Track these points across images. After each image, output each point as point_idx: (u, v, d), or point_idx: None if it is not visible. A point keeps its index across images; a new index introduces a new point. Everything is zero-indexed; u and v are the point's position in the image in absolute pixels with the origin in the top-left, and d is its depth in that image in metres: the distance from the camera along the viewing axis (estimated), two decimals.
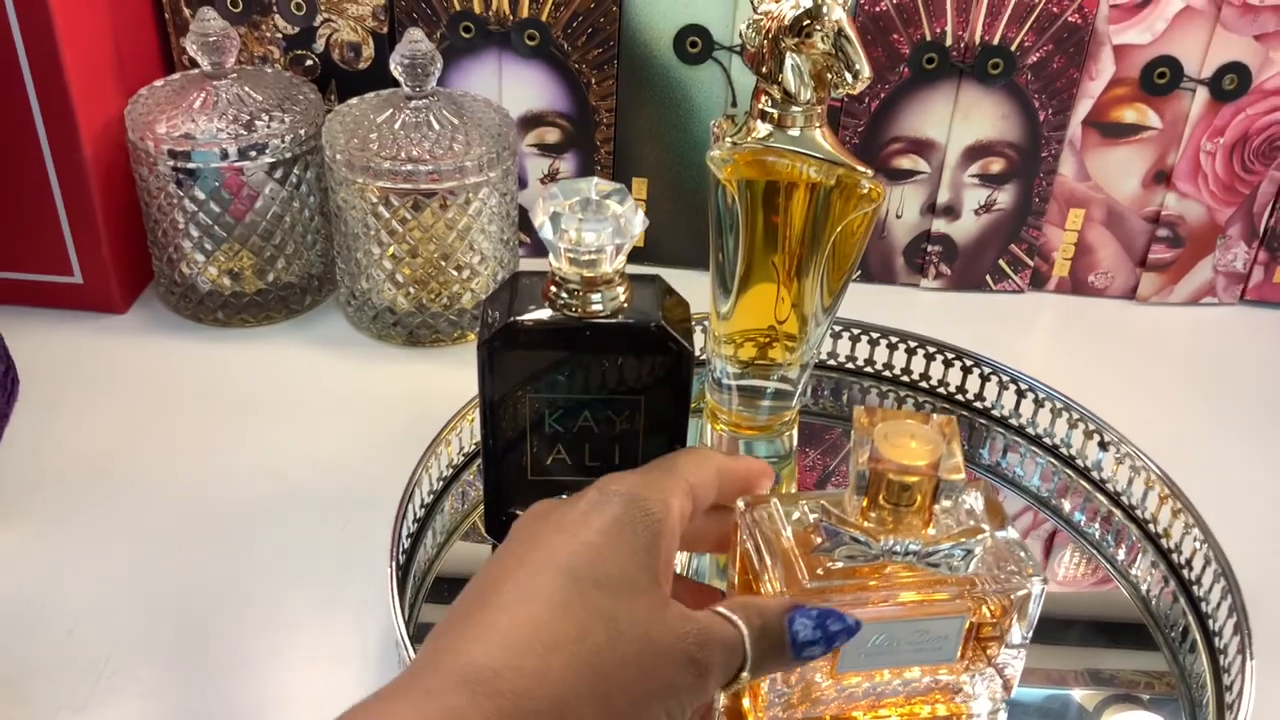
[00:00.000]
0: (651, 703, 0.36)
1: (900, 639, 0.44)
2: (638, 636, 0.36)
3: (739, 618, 0.39)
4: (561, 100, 0.78)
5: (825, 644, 0.40)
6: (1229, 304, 0.83)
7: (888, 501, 0.43)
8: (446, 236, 0.70)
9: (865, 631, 0.42)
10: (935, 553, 0.44)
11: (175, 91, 0.72)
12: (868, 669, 0.45)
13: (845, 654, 0.44)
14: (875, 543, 0.43)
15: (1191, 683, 0.56)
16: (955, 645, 0.45)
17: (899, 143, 0.78)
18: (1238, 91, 0.75)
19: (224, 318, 0.75)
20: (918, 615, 0.44)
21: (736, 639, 0.38)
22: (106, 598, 0.58)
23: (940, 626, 0.44)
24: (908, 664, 0.46)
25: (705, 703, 0.39)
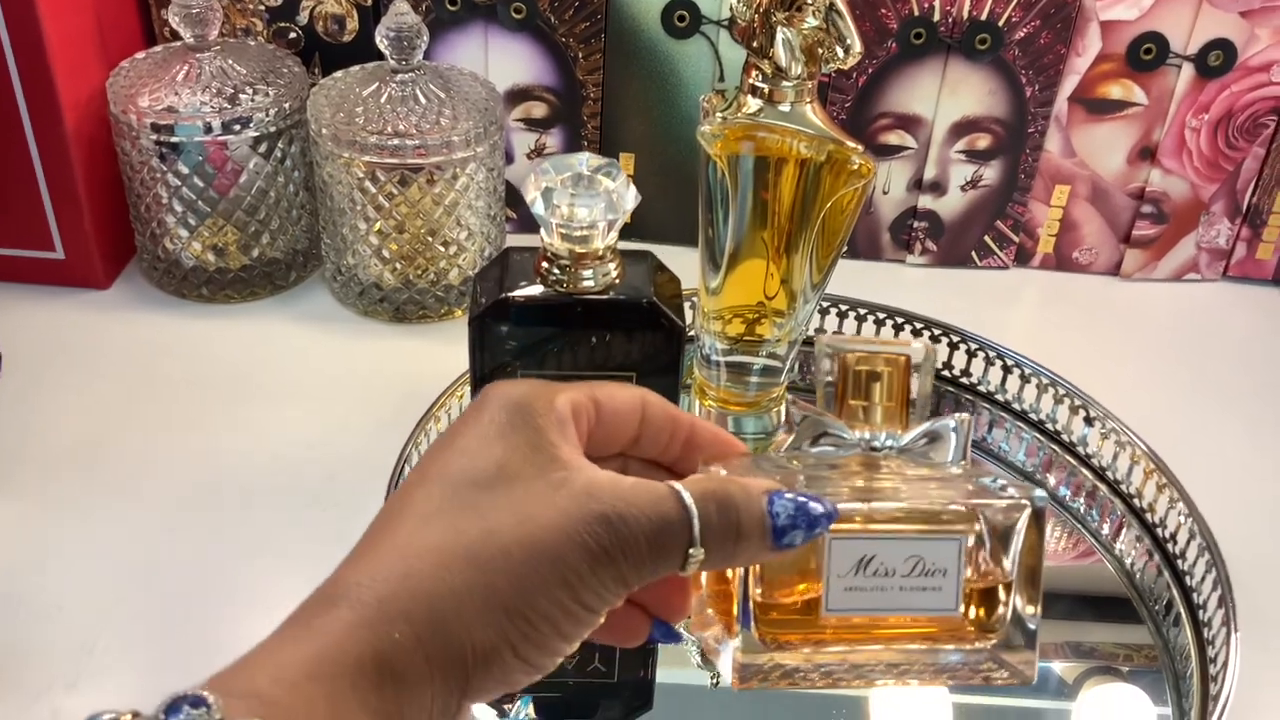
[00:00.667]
0: (545, 589, 0.32)
1: (894, 566, 0.39)
2: (519, 523, 0.33)
3: (690, 493, 0.34)
4: (548, 74, 0.78)
5: (808, 528, 0.35)
6: (1212, 280, 0.83)
7: (858, 399, 0.41)
8: (433, 212, 0.70)
9: (853, 549, 0.38)
10: (916, 440, 0.40)
11: (158, 64, 0.71)
12: (858, 610, 0.40)
13: (831, 584, 0.39)
14: (850, 432, 0.40)
15: (1175, 655, 0.56)
16: (955, 585, 0.40)
17: (886, 118, 0.78)
18: (1223, 68, 0.75)
19: (208, 294, 0.74)
20: (908, 531, 0.39)
21: (671, 516, 0.34)
22: (95, 576, 0.57)
23: (935, 552, 0.39)
24: (903, 609, 0.40)
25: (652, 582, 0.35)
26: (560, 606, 0.32)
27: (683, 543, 0.34)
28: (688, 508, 0.34)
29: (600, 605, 0.33)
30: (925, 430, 0.40)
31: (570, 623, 0.33)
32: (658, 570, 0.34)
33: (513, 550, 0.32)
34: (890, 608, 0.40)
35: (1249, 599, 0.58)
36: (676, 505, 0.34)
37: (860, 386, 0.40)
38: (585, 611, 0.33)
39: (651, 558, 0.33)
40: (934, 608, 0.40)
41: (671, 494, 0.34)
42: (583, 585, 0.33)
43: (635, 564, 0.33)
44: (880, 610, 0.39)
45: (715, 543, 0.34)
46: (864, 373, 0.40)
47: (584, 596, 0.33)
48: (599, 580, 0.33)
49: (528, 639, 0.32)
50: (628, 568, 0.33)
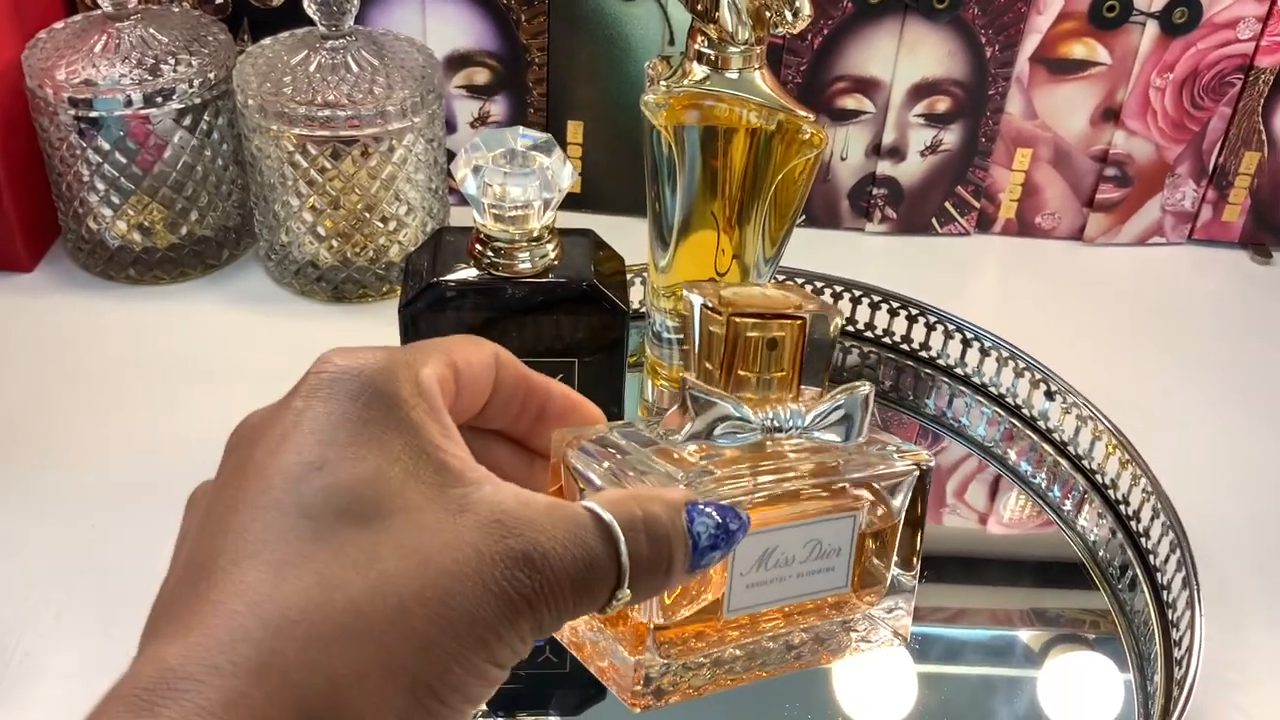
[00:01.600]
0: (458, 654, 0.25)
1: (793, 554, 0.35)
2: (416, 569, 0.25)
3: (614, 518, 0.27)
4: (490, 39, 0.75)
5: (725, 547, 0.30)
6: (1177, 244, 0.82)
7: (750, 370, 0.35)
8: (370, 186, 0.67)
9: (756, 544, 0.34)
10: (820, 417, 0.35)
11: (75, 34, 0.67)
12: (759, 604, 0.36)
13: (734, 583, 0.34)
14: (753, 415, 0.34)
15: (1137, 627, 0.55)
16: (847, 563, 0.36)
17: (843, 82, 0.75)
18: (1188, 25, 0.73)
19: (136, 274, 0.71)
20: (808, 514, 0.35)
21: (596, 551, 0.27)
22: (15, 575, 0.55)
23: (832, 533, 0.36)
24: (799, 596, 0.36)
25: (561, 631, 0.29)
26: (474, 671, 0.25)
27: (610, 583, 0.27)
28: (615, 540, 0.27)
29: (513, 661, 0.27)
30: (833, 408, 0.35)
31: (481, 686, 0.26)
32: (579, 614, 0.27)
33: (413, 609, 0.25)
34: (789, 596, 0.36)
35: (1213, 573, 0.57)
36: (602, 537, 0.27)
37: (753, 354, 0.35)
38: (498, 671, 0.26)
39: (575, 602, 0.27)
40: (828, 588, 0.36)
41: (594, 522, 0.27)
42: (499, 642, 0.26)
43: (556, 611, 0.26)
44: (780, 600, 0.36)
45: (645, 578, 0.28)
46: (758, 339, 0.35)
47: (499, 654, 0.26)
48: (516, 633, 0.26)
49: (434, 716, 0.25)
50: (548, 616, 0.26)
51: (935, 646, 0.55)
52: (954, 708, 0.53)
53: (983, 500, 0.63)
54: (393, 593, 0.25)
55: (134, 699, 0.23)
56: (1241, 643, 0.55)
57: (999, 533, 0.62)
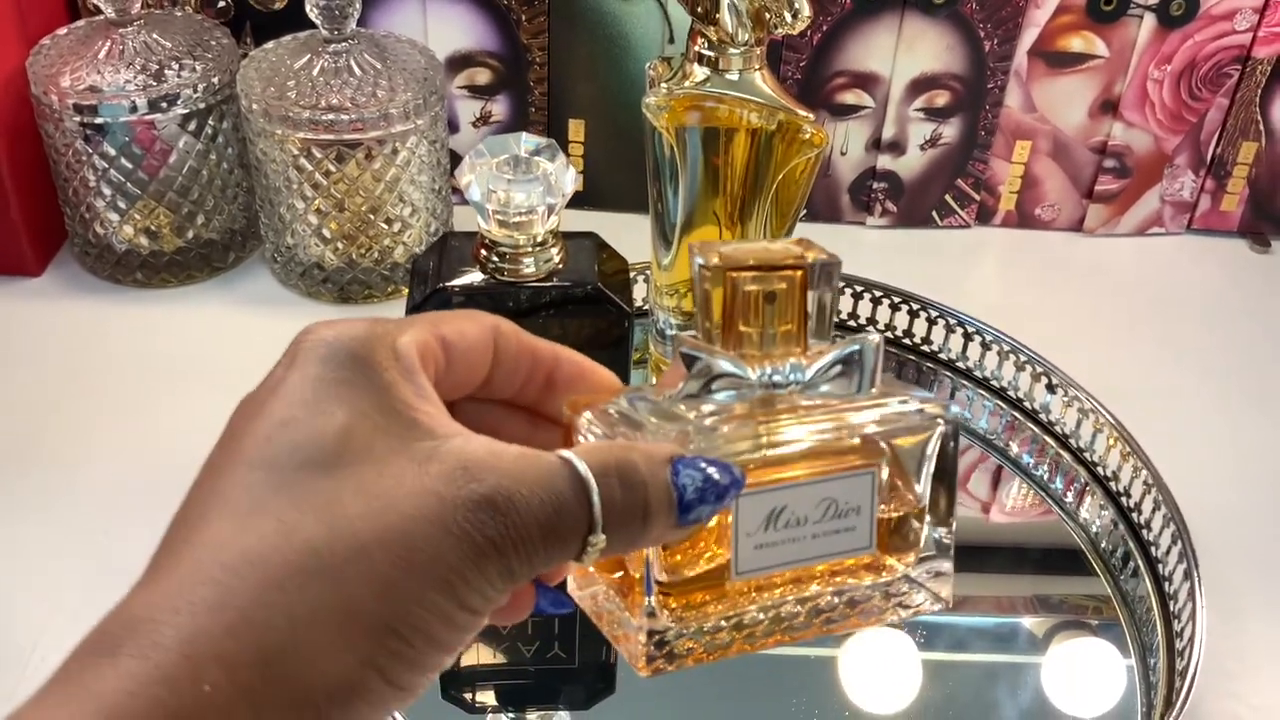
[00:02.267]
0: (419, 595, 0.25)
1: (805, 514, 0.34)
2: (378, 512, 0.25)
3: (586, 465, 0.28)
4: (491, 39, 0.75)
5: (715, 500, 0.30)
6: (1176, 234, 0.82)
7: (752, 325, 0.34)
8: (374, 188, 0.67)
9: (761, 503, 0.33)
10: (823, 370, 0.34)
11: (79, 41, 0.68)
12: (771, 566, 0.35)
13: (741, 544, 0.33)
14: (749, 371, 0.33)
15: (1141, 624, 0.56)
16: (869, 522, 0.35)
17: (843, 77, 0.76)
18: (1185, 17, 0.73)
19: (143, 278, 0.71)
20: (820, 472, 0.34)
21: (566, 496, 0.27)
22: (31, 578, 0.55)
23: (848, 491, 0.34)
24: (818, 557, 0.35)
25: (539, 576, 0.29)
26: (439, 614, 0.26)
27: (581, 529, 0.27)
28: (586, 485, 0.27)
29: (485, 606, 0.27)
30: (835, 359, 0.34)
31: (450, 631, 0.26)
32: (550, 561, 0.27)
33: (373, 550, 0.25)
34: (805, 557, 0.34)
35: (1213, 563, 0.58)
36: (572, 483, 0.27)
37: (753, 309, 0.34)
38: (468, 615, 0.26)
39: (545, 548, 0.27)
40: (849, 548, 0.35)
41: (565, 468, 0.27)
42: (465, 585, 0.26)
43: (526, 556, 0.27)
44: (795, 563, 0.34)
45: (619, 526, 0.28)
46: (757, 293, 0.33)
47: (467, 598, 0.26)
48: (484, 578, 0.26)
49: (399, 658, 0.25)
50: (517, 561, 0.26)
51: (940, 634, 0.56)
52: (959, 696, 0.53)
53: (985, 490, 0.63)
54: (351, 534, 0.25)
55: (98, 642, 0.24)
56: (1242, 632, 0.56)
57: (1002, 522, 0.63)
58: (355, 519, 0.25)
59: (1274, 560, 0.59)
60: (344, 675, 0.25)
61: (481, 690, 0.55)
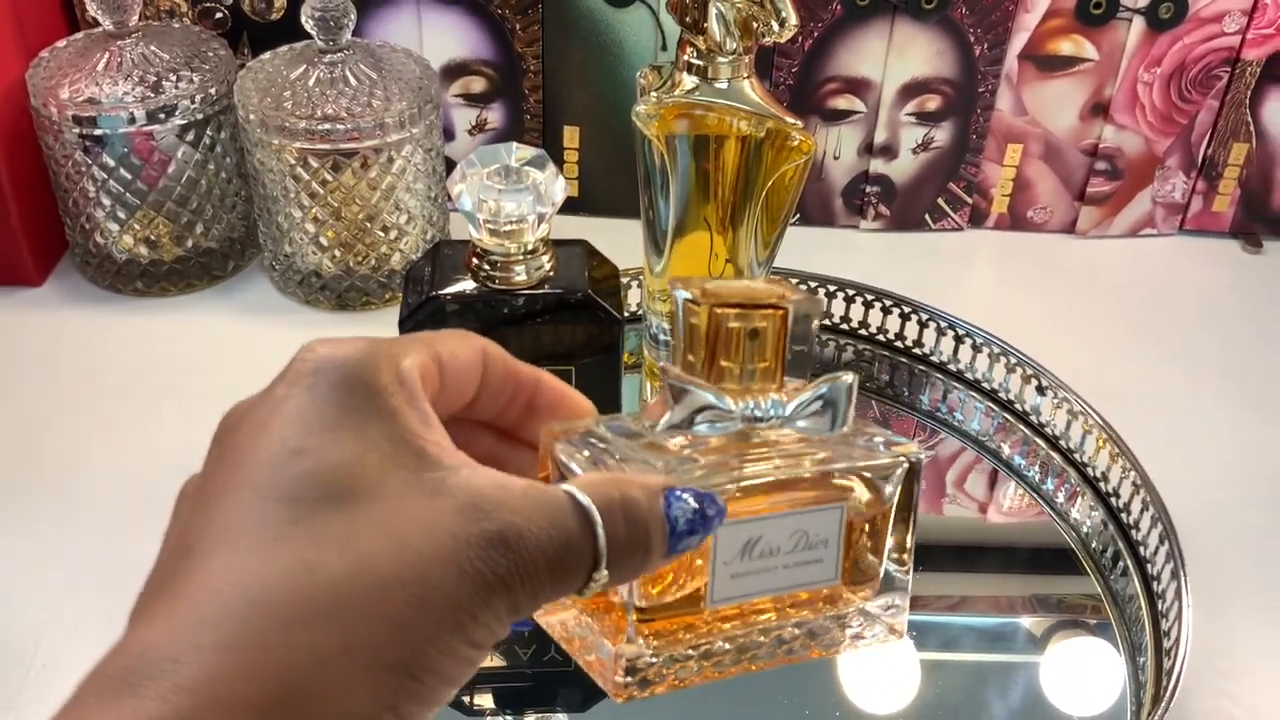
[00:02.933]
0: (435, 635, 0.25)
1: (778, 544, 0.35)
2: (395, 551, 0.25)
3: (592, 500, 0.28)
4: (485, 48, 0.76)
5: (703, 531, 0.30)
6: (1168, 235, 0.83)
7: (732, 360, 0.35)
8: (370, 197, 0.68)
9: (739, 534, 0.34)
10: (802, 407, 0.35)
11: (78, 53, 0.69)
12: (744, 595, 0.35)
13: (718, 573, 0.34)
14: (733, 405, 0.34)
15: (1130, 624, 0.56)
16: (835, 555, 0.36)
17: (834, 82, 0.76)
18: (1174, 20, 0.74)
19: (143, 287, 0.72)
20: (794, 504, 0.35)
21: (573, 532, 0.27)
22: (32, 586, 0.56)
23: (818, 524, 0.35)
24: (787, 588, 0.36)
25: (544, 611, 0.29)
26: (449, 652, 0.26)
27: (586, 564, 0.28)
28: (591, 521, 0.28)
29: (490, 641, 0.27)
30: (814, 396, 0.35)
31: (458, 667, 0.26)
32: (555, 596, 0.28)
33: (392, 590, 0.25)
34: (775, 587, 0.35)
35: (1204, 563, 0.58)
36: (579, 519, 0.27)
37: (735, 345, 0.35)
38: (476, 652, 0.27)
39: (551, 583, 0.27)
40: (816, 580, 0.36)
41: (570, 504, 0.28)
42: (474, 623, 0.26)
43: (532, 592, 0.27)
44: (765, 592, 0.35)
45: (623, 561, 0.28)
46: (739, 330, 0.34)
47: (476, 635, 0.26)
48: (492, 614, 0.26)
49: (413, 697, 0.25)
50: (524, 596, 0.27)
51: (932, 634, 0.56)
52: (952, 696, 0.54)
53: (979, 491, 0.64)
54: (372, 574, 0.25)
55: (116, 677, 0.24)
56: (1232, 631, 0.56)
57: (995, 522, 0.64)
58: (374, 557, 0.25)
59: (1266, 560, 0.60)
60: (362, 715, 0.25)
61: (479, 693, 0.55)
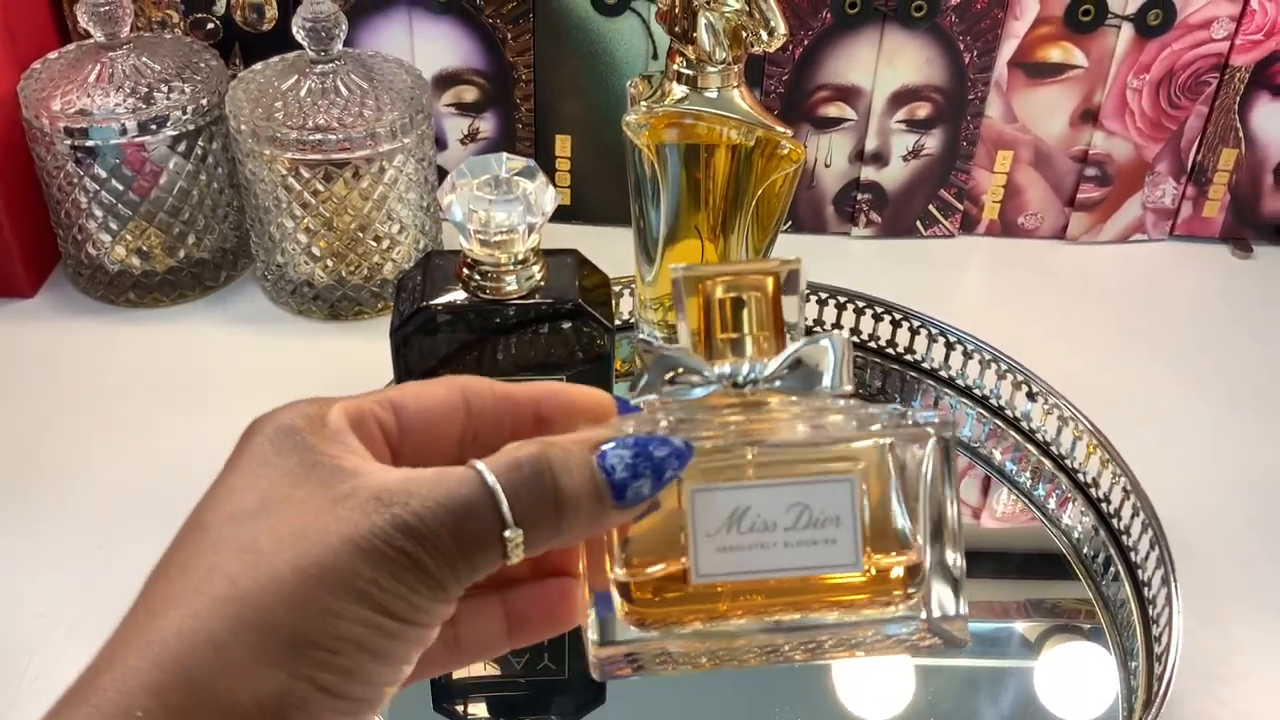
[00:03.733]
0: (338, 607, 0.27)
1: (773, 518, 0.33)
2: (292, 544, 0.28)
3: (493, 467, 0.29)
4: (477, 57, 0.76)
5: (654, 475, 0.30)
6: (1159, 240, 0.83)
7: (726, 333, 0.34)
8: (362, 207, 0.68)
9: (720, 501, 0.32)
10: (784, 365, 0.34)
11: (69, 64, 0.69)
12: (736, 573, 0.33)
13: (700, 545, 0.32)
14: (707, 366, 0.34)
15: (1122, 629, 0.56)
16: (852, 536, 0.33)
17: (825, 90, 0.76)
18: (1163, 26, 0.74)
19: (136, 298, 0.72)
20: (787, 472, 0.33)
21: (471, 499, 0.29)
22: (26, 597, 0.56)
23: (823, 498, 0.33)
24: (792, 569, 0.33)
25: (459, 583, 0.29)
26: (364, 623, 0.28)
27: (493, 527, 0.29)
28: (490, 486, 0.29)
29: (419, 615, 0.29)
30: (794, 351, 0.34)
31: (383, 640, 0.28)
32: (475, 565, 0.29)
33: (285, 575, 0.27)
34: (775, 568, 0.33)
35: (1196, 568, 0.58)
36: (477, 485, 0.29)
37: (726, 318, 0.34)
38: (400, 624, 0.28)
39: (462, 552, 0.28)
40: (829, 564, 0.33)
41: (470, 474, 0.29)
42: (384, 593, 0.28)
43: (445, 561, 0.28)
44: (764, 572, 0.33)
45: (534, 518, 0.29)
46: (728, 300, 0.34)
47: (393, 608, 0.28)
48: (406, 587, 0.28)
49: (328, 667, 0.27)
50: (438, 569, 0.28)
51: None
52: (948, 701, 0.54)
53: (971, 497, 0.64)
54: (266, 564, 0.27)
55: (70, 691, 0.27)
56: (1224, 635, 0.57)
57: (988, 528, 0.64)
58: (271, 553, 0.28)
59: (1257, 565, 0.60)
60: (275, 689, 0.27)
61: (473, 702, 0.55)
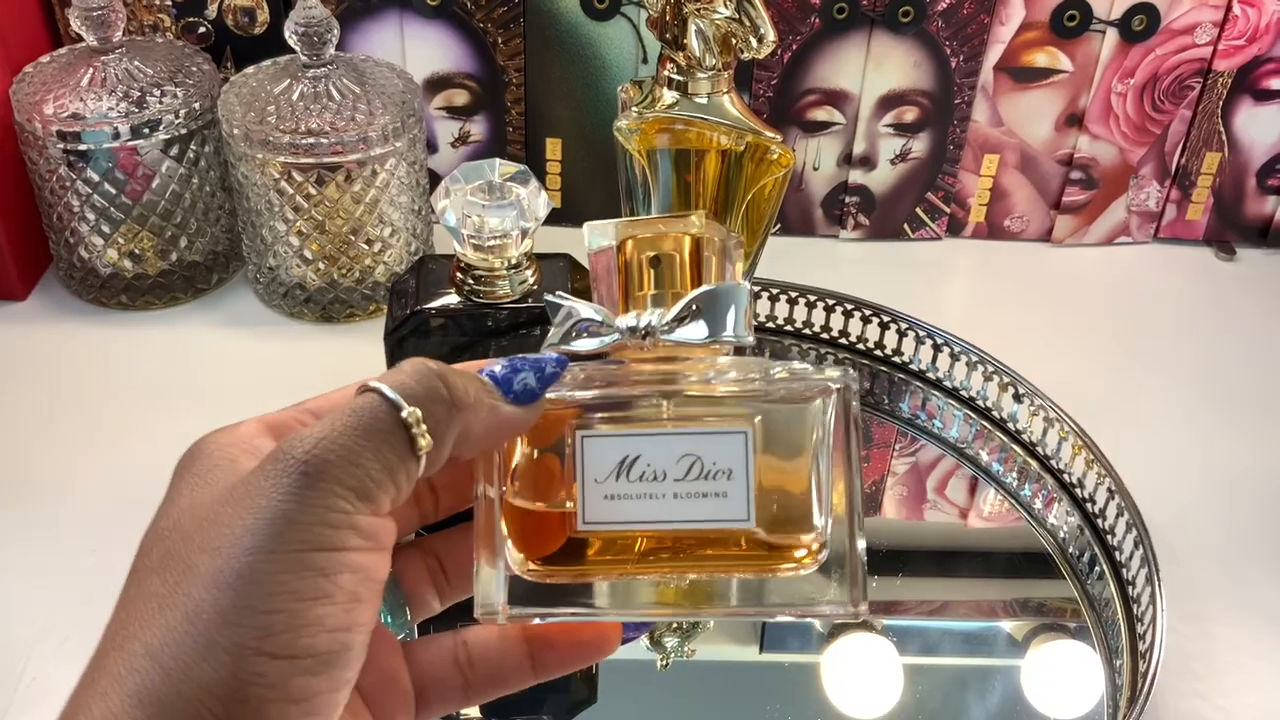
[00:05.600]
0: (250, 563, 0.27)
1: (664, 468, 0.32)
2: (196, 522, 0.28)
3: (378, 379, 0.30)
4: (468, 61, 0.76)
5: (537, 376, 0.32)
6: (1143, 242, 0.84)
7: (641, 289, 0.34)
8: (354, 210, 0.68)
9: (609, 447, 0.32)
10: (684, 310, 0.33)
11: (62, 68, 0.69)
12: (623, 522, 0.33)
13: (588, 491, 0.32)
14: (610, 317, 0.33)
15: (1107, 627, 0.57)
16: (744, 490, 0.32)
17: (813, 94, 0.77)
18: (1147, 32, 0.75)
19: (128, 300, 0.73)
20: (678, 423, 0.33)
21: (363, 401, 0.29)
22: (20, 600, 0.56)
23: (714, 449, 0.32)
24: (681, 521, 0.33)
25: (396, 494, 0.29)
26: (289, 566, 0.27)
27: (394, 420, 0.29)
28: (377, 387, 0.29)
29: (347, 538, 0.28)
30: (689, 299, 0.33)
31: (322, 578, 0.27)
32: (390, 464, 0.29)
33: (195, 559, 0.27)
34: (663, 519, 0.32)
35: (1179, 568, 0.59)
36: (365, 390, 0.29)
37: (641, 274, 0.34)
38: (331, 554, 0.27)
39: (372, 449, 0.28)
40: (720, 518, 0.32)
41: (357, 385, 0.30)
42: (302, 525, 0.27)
43: (350, 464, 0.28)
44: (651, 523, 0.32)
45: (432, 410, 0.29)
46: (645, 258, 0.34)
47: (317, 536, 0.27)
48: (324, 505, 0.27)
49: (273, 630, 0.26)
50: (349, 475, 0.28)
51: (915, 638, 0.57)
52: (933, 701, 0.55)
53: (959, 497, 0.65)
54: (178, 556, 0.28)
55: None
56: (1208, 635, 0.57)
57: (975, 527, 0.65)
58: (179, 540, 0.28)
59: (1240, 565, 0.61)
60: (224, 672, 0.26)
61: None
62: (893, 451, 0.67)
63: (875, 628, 0.57)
